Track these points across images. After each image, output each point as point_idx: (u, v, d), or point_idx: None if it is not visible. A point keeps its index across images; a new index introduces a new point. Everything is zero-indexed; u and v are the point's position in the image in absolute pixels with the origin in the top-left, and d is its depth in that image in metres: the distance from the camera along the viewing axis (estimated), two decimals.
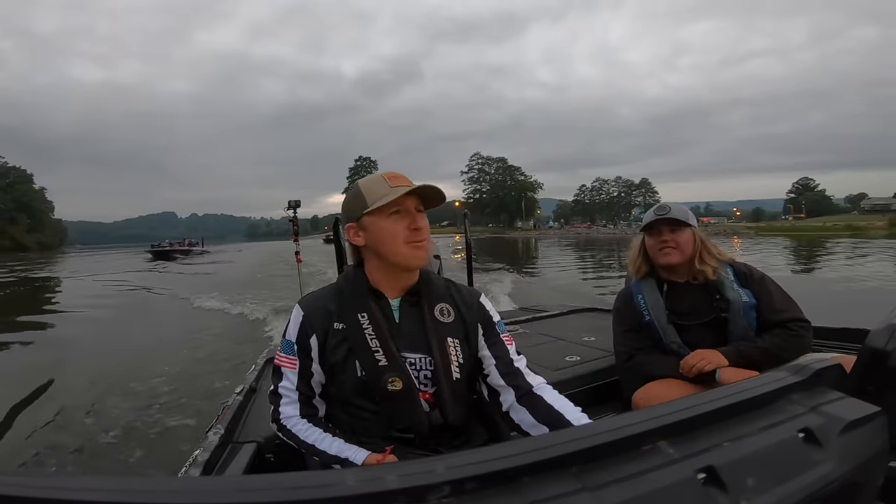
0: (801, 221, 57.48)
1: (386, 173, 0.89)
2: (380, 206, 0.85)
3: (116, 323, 6.91)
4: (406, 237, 0.86)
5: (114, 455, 2.62)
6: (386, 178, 0.88)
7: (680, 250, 1.27)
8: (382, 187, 0.87)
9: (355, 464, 0.81)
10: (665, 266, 1.31)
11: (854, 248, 17.59)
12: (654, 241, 1.31)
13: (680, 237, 1.28)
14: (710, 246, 1.31)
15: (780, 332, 1.19)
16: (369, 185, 0.89)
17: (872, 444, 0.46)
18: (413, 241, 0.87)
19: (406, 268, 0.90)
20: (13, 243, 65.35)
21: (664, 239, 1.28)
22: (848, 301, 6.70)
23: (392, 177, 0.88)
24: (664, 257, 1.28)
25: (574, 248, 25.71)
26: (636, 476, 0.39)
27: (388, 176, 0.88)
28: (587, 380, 1.55)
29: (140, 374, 3.88)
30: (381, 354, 0.86)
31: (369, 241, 0.89)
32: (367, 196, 0.87)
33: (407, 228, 0.86)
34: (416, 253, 0.87)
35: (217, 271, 16.69)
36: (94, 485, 0.35)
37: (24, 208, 71.71)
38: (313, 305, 0.92)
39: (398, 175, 0.89)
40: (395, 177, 0.88)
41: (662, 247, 1.29)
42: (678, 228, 1.28)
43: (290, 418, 0.89)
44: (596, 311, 2.60)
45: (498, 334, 0.95)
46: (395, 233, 0.86)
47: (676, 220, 1.29)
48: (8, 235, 66.28)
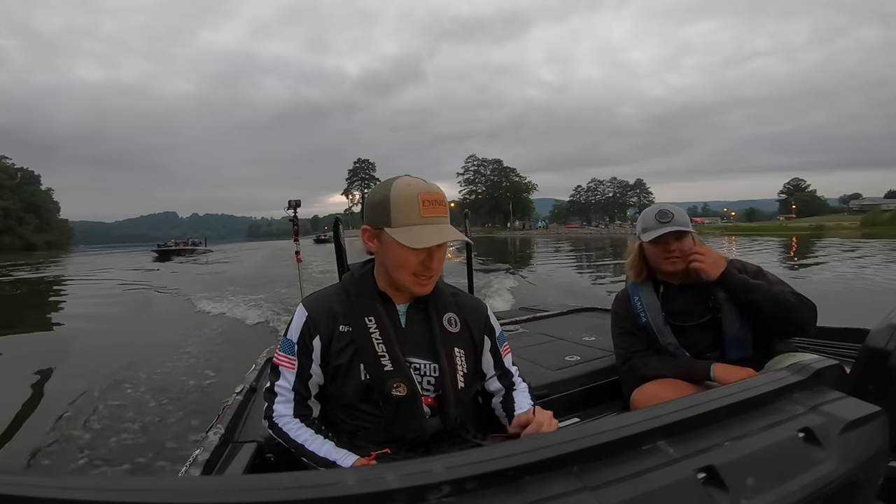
0: (792, 222, 58.19)
1: (423, 193, 0.80)
2: (401, 233, 0.80)
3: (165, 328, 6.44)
4: (415, 270, 0.82)
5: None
6: (421, 201, 0.80)
7: (684, 258, 1.24)
8: (413, 214, 0.79)
9: (343, 468, 0.78)
10: (669, 273, 1.28)
11: (803, 247, 18.77)
12: (660, 250, 1.26)
13: (685, 245, 1.24)
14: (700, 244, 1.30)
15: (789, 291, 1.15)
16: (401, 202, 0.80)
17: (872, 444, 0.45)
18: (421, 275, 0.83)
19: (404, 291, 0.87)
20: (23, 243, 66.11)
21: (671, 249, 1.24)
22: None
23: (428, 200, 0.80)
24: (671, 266, 1.25)
25: (541, 245, 29.62)
26: (636, 476, 0.38)
27: (426, 198, 0.80)
28: (587, 380, 1.53)
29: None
30: (387, 359, 0.83)
31: (380, 254, 0.85)
32: (393, 212, 0.80)
33: (420, 263, 0.82)
34: (420, 288, 0.84)
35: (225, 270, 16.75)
36: (95, 485, 0.34)
37: (33, 209, 72.00)
38: (318, 306, 0.88)
39: (436, 198, 0.81)
40: (431, 201, 0.80)
41: (668, 256, 1.25)
42: (683, 237, 1.25)
43: (283, 417, 0.86)
44: (596, 311, 2.58)
45: (499, 347, 0.97)
46: (406, 264, 0.82)
47: (681, 231, 1.25)
48: (17, 235, 66.84)
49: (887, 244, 17.89)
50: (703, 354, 1.23)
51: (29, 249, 61.68)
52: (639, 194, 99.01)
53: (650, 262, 1.31)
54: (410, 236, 0.79)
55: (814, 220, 48.21)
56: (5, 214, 65.08)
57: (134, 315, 7.15)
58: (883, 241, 20.47)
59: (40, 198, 75.93)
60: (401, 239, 0.79)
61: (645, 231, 1.28)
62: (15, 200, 68.19)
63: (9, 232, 65.99)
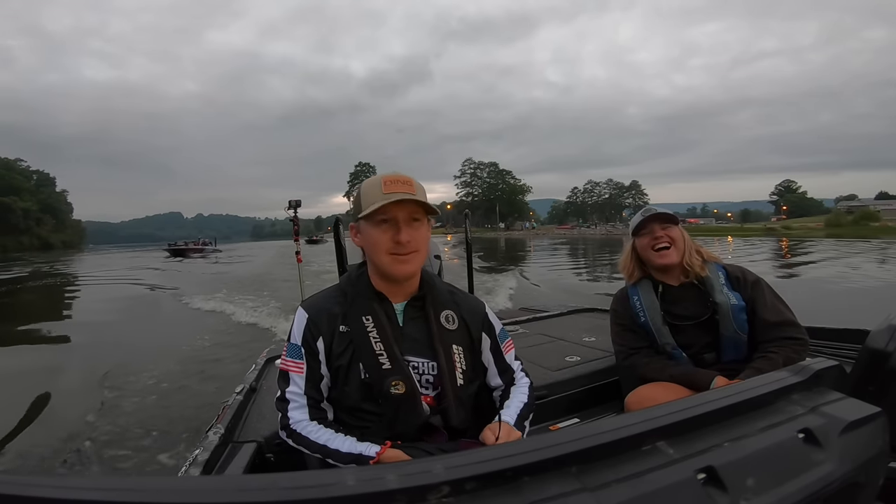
0: (781, 222, 59.41)
1: (387, 175, 0.83)
2: (368, 213, 0.80)
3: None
4: (388, 248, 0.81)
5: None
6: (384, 181, 0.81)
7: (676, 247, 1.22)
8: (376, 193, 0.81)
9: (370, 457, 0.77)
10: (661, 268, 1.26)
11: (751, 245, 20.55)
12: (647, 239, 1.25)
13: (672, 232, 1.23)
14: (694, 244, 1.28)
15: (788, 350, 1.11)
16: (367, 187, 0.83)
17: (872, 445, 0.44)
18: (395, 253, 0.81)
19: (389, 277, 0.85)
20: (41, 242, 66.92)
21: (657, 235, 1.23)
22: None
23: (390, 181, 0.81)
24: (661, 258, 1.22)
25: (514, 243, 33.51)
26: (636, 476, 0.37)
27: (387, 179, 0.81)
28: (587, 380, 1.52)
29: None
30: (385, 358, 0.82)
31: (363, 245, 0.86)
32: (363, 199, 0.83)
33: (391, 240, 0.81)
34: (397, 266, 0.82)
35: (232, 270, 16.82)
36: (95, 485, 0.33)
37: (49, 210, 72.61)
38: (317, 308, 0.87)
39: (398, 179, 0.81)
40: (393, 181, 0.81)
41: (656, 244, 1.23)
42: (668, 224, 1.24)
43: (300, 422, 0.82)
44: (596, 312, 2.55)
45: (499, 344, 0.94)
46: (378, 242, 0.81)
47: (666, 215, 1.25)
48: (36, 235, 67.60)
49: (834, 244, 19.45)
50: (699, 355, 1.21)
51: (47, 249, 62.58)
52: (634, 195, 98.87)
53: (644, 259, 1.30)
54: (373, 207, 0.80)
55: (800, 221, 49.75)
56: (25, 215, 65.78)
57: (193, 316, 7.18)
58: (832, 240, 22.42)
59: (56, 199, 76.71)
60: (368, 210, 0.80)
61: (633, 228, 1.30)
62: (33, 202, 68.87)
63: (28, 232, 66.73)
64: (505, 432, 0.79)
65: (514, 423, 0.85)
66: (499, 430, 0.79)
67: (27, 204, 66.73)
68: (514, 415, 0.87)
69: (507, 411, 0.87)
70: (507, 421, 0.83)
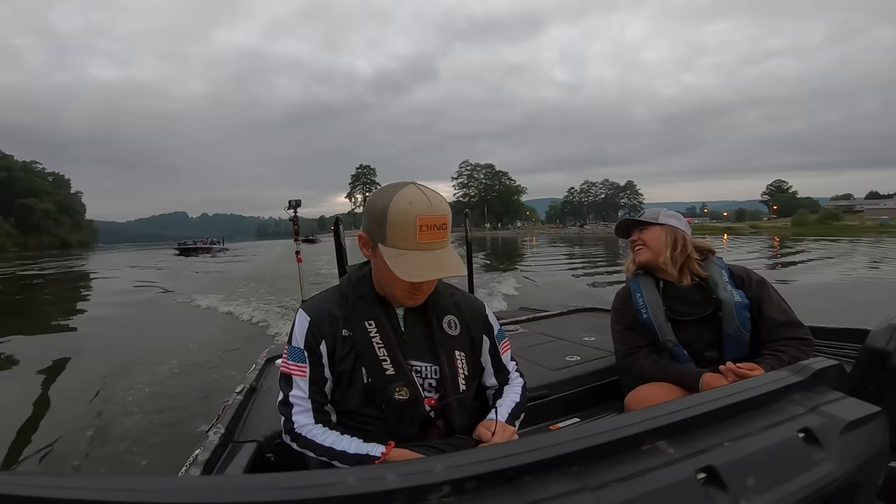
0: (771, 221, 60.16)
1: (422, 217, 0.72)
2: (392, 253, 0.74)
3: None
4: (406, 288, 0.77)
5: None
6: (420, 224, 0.71)
7: (648, 247, 1.26)
8: (409, 238, 0.72)
9: (377, 457, 0.75)
10: (641, 264, 1.29)
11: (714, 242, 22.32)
12: (630, 242, 1.33)
13: (646, 235, 1.27)
14: (689, 242, 1.27)
15: (794, 350, 1.09)
16: (398, 222, 0.72)
17: (872, 444, 0.42)
18: (410, 294, 0.79)
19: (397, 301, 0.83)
20: (59, 241, 67.61)
21: (633, 239, 1.31)
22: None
23: (427, 225, 0.72)
24: (637, 256, 1.29)
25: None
26: (636, 476, 0.36)
27: (423, 223, 0.71)
28: (587, 380, 1.49)
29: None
30: (389, 363, 0.80)
31: (375, 264, 0.81)
32: (389, 231, 0.73)
33: (411, 285, 0.77)
34: (411, 301, 0.81)
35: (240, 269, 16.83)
36: (95, 484, 0.32)
37: (65, 210, 73.13)
38: (319, 311, 0.83)
39: (435, 222, 0.72)
40: (430, 225, 0.72)
41: (632, 246, 1.31)
42: (645, 228, 1.28)
43: (305, 426, 0.79)
44: (596, 311, 2.50)
45: (497, 345, 0.92)
46: (397, 284, 0.77)
47: (642, 221, 1.29)
48: (54, 234, 68.20)
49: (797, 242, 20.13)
50: (701, 353, 1.19)
51: (65, 247, 63.12)
52: (629, 195, 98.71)
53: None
54: (402, 263, 0.72)
55: (781, 221, 51.55)
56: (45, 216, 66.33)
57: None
58: (800, 238, 23.02)
59: (71, 200, 77.28)
60: (392, 265, 0.72)
61: (620, 233, 1.36)
62: (51, 203, 69.42)
63: (47, 232, 67.31)
64: (500, 428, 0.77)
65: (505, 420, 0.83)
66: (495, 426, 0.78)
67: (46, 205, 67.27)
68: (505, 414, 0.85)
69: (499, 409, 0.85)
70: (499, 419, 0.82)
